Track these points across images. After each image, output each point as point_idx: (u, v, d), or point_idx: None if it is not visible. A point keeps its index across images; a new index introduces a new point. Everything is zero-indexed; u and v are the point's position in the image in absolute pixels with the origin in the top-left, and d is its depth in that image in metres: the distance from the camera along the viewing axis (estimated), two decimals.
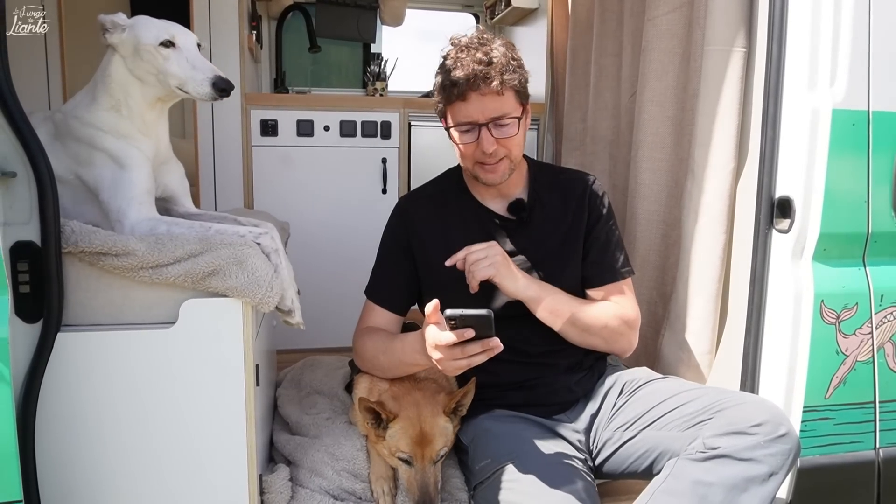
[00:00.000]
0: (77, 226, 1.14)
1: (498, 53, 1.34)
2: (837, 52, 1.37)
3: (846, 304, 1.41)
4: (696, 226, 1.61)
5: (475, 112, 1.34)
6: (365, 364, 1.49)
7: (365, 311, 1.53)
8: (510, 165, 1.41)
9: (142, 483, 1.19)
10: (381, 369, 1.45)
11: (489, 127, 1.35)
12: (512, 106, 1.37)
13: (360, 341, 1.49)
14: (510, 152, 1.39)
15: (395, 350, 1.38)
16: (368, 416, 1.32)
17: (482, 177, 1.42)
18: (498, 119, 1.35)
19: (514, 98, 1.37)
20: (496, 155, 1.37)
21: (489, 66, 1.32)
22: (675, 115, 1.78)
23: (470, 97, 1.33)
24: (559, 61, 2.61)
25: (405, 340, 1.35)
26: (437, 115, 1.45)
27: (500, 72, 1.32)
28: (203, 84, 1.26)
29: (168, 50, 1.28)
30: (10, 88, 1.02)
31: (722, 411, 1.22)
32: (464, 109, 1.35)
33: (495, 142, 1.36)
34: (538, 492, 1.20)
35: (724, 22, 1.54)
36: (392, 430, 1.31)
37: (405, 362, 1.36)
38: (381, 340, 1.44)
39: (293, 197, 2.57)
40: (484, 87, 1.32)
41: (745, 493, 1.14)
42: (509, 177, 1.43)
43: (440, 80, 1.38)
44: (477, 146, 1.37)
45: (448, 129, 1.42)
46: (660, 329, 1.78)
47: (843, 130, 1.37)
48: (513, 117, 1.37)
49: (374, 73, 3.24)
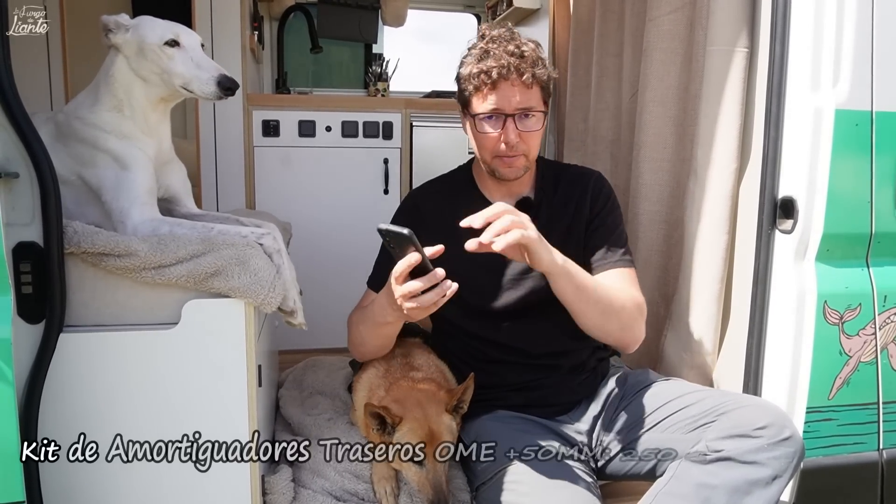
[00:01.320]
0: (79, 226, 1.14)
1: (528, 48, 1.35)
2: (841, 52, 1.36)
3: (849, 305, 1.41)
4: (699, 226, 1.61)
5: (503, 102, 1.35)
6: (351, 341, 1.50)
7: (363, 298, 1.54)
8: (526, 163, 1.42)
9: (144, 483, 1.19)
10: (360, 341, 1.46)
11: (515, 119, 1.35)
12: (538, 100, 1.37)
13: (349, 320, 1.51)
14: (529, 150, 1.39)
15: (368, 314, 1.39)
16: (374, 421, 1.31)
17: (500, 170, 1.41)
18: (525, 111, 1.36)
19: (539, 93, 1.38)
20: (517, 149, 1.38)
21: (521, 59, 1.33)
22: (676, 115, 1.77)
23: (501, 86, 1.34)
24: (561, 62, 2.60)
25: (376, 300, 1.35)
26: (459, 103, 1.45)
27: (531, 65, 1.33)
28: (208, 83, 1.26)
29: (173, 49, 1.28)
30: (12, 89, 1.02)
31: (726, 414, 1.22)
32: (492, 98, 1.35)
33: (519, 134, 1.36)
34: (541, 493, 1.20)
35: (726, 22, 1.54)
36: (400, 433, 1.29)
37: (378, 322, 1.35)
38: (360, 312, 1.46)
39: (295, 197, 2.58)
40: (515, 77, 1.33)
41: (749, 496, 1.14)
42: (524, 174, 1.44)
43: (468, 69, 1.37)
44: (499, 137, 1.37)
45: (472, 117, 1.40)
46: (662, 330, 1.77)
47: (846, 131, 1.37)
48: (538, 111, 1.37)
49: (375, 74, 3.24)
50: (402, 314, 1.22)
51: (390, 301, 1.22)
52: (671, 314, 1.73)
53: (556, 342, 1.43)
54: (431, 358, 1.54)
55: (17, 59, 1.05)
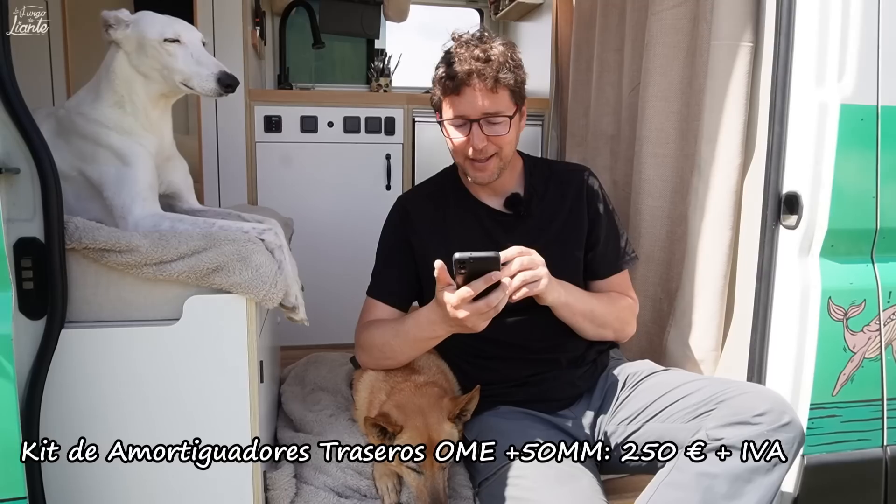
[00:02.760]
0: (81, 222, 1.13)
1: (496, 52, 1.34)
2: (846, 46, 1.35)
3: (854, 301, 1.40)
4: (702, 222, 1.60)
5: (468, 107, 1.35)
6: (373, 355, 1.47)
7: (366, 307, 1.53)
8: (499, 164, 1.41)
9: (146, 479, 1.19)
10: (392, 355, 1.44)
11: (480, 124, 1.35)
12: (506, 105, 1.37)
13: (364, 334, 1.48)
14: (501, 150, 1.39)
15: (407, 329, 1.38)
16: (374, 431, 1.30)
17: (472, 174, 1.43)
18: (490, 116, 1.36)
19: (508, 97, 1.37)
20: (485, 152, 1.38)
21: (486, 64, 1.33)
22: (679, 110, 1.76)
23: (464, 92, 1.34)
24: (564, 56, 2.59)
25: (418, 316, 1.35)
26: (433, 107, 1.47)
27: (495, 69, 1.33)
28: (208, 80, 1.26)
29: (173, 45, 1.27)
30: (13, 84, 1.02)
31: (725, 402, 1.21)
32: (457, 104, 1.36)
33: (486, 139, 1.36)
34: (544, 487, 1.20)
35: (730, 16, 1.53)
36: (400, 441, 1.28)
37: (422, 337, 1.35)
38: (389, 326, 1.44)
39: (297, 193, 2.57)
40: (478, 83, 1.33)
41: (750, 483, 1.14)
42: (499, 176, 1.43)
43: (438, 72, 1.39)
44: (468, 142, 1.37)
45: (441, 122, 1.43)
46: (665, 326, 1.77)
47: (851, 125, 1.36)
48: (505, 116, 1.37)
49: (377, 69, 3.23)
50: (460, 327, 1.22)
51: (441, 320, 1.23)
52: (674, 310, 1.72)
53: (553, 337, 1.44)
54: (433, 358, 1.53)
55: (18, 57, 1.05)
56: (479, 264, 1.09)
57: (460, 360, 1.52)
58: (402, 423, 1.29)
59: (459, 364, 1.52)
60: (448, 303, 1.16)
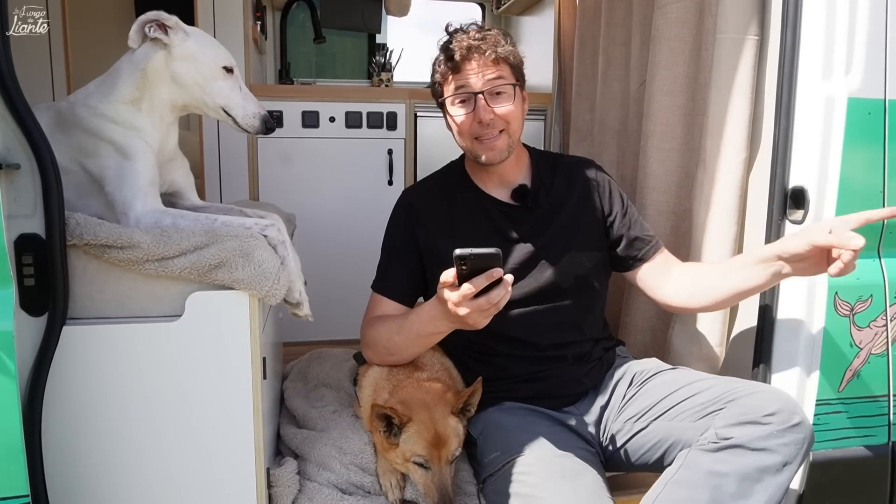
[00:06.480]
0: (82, 218, 1.12)
1: (491, 34, 1.40)
2: (854, 40, 1.34)
3: (860, 296, 1.39)
4: (708, 217, 1.59)
5: (471, 79, 1.38)
6: (378, 351, 1.46)
7: (371, 303, 1.52)
8: (509, 142, 1.41)
9: (149, 476, 1.19)
10: (396, 351, 1.43)
11: (485, 95, 1.37)
12: (507, 74, 1.40)
13: (369, 330, 1.47)
14: (508, 125, 1.40)
15: (410, 325, 1.36)
16: (380, 423, 1.30)
17: (481, 154, 1.41)
18: (493, 84, 1.37)
19: (509, 70, 1.40)
20: (494, 126, 1.38)
21: (482, 41, 1.37)
22: (685, 104, 1.75)
23: (464, 67, 1.38)
24: (566, 51, 2.58)
25: (420, 312, 1.33)
26: (433, 95, 1.48)
27: (493, 44, 1.38)
28: (255, 118, 1.35)
29: (227, 73, 1.32)
30: (13, 79, 1.01)
31: (734, 401, 1.21)
32: (459, 80, 1.39)
33: (492, 111, 1.37)
34: (550, 484, 1.19)
35: (736, 9, 1.52)
36: (406, 435, 1.28)
37: (425, 333, 1.34)
38: (392, 322, 1.43)
39: (299, 189, 2.56)
40: (478, 56, 1.37)
41: (759, 483, 1.13)
42: (508, 155, 1.43)
43: (437, 59, 1.44)
44: (474, 117, 1.38)
45: (443, 104, 1.44)
46: (670, 321, 1.76)
47: (858, 119, 1.34)
48: (508, 84, 1.39)
49: (379, 64, 3.22)
50: (461, 323, 1.19)
51: (443, 315, 1.21)
52: None
53: (559, 333, 1.43)
54: (436, 355, 1.52)
55: (18, 54, 1.04)
56: (480, 260, 1.08)
57: (465, 356, 1.51)
58: (408, 415, 1.29)
59: (464, 360, 1.52)
60: (449, 300, 1.15)
